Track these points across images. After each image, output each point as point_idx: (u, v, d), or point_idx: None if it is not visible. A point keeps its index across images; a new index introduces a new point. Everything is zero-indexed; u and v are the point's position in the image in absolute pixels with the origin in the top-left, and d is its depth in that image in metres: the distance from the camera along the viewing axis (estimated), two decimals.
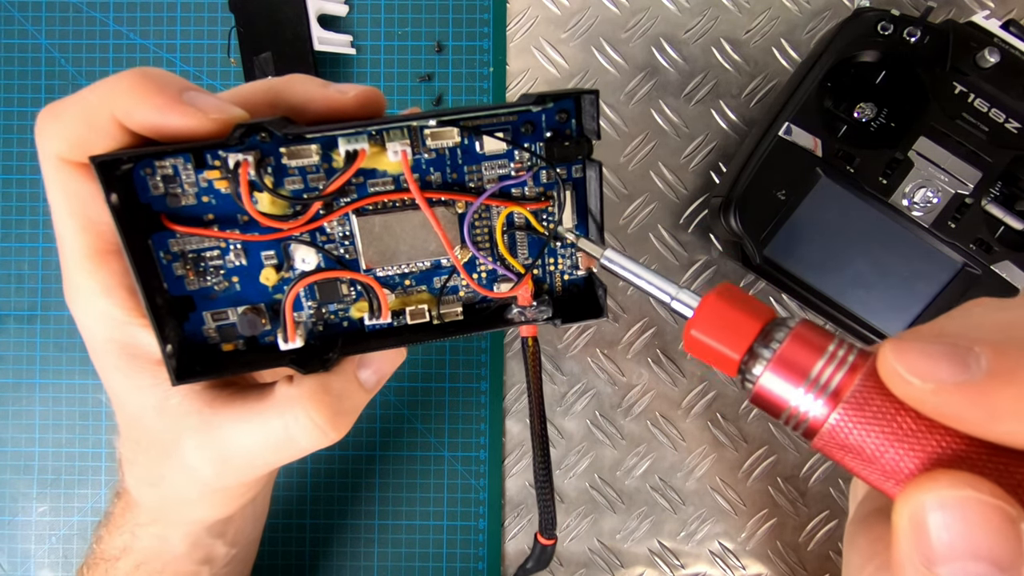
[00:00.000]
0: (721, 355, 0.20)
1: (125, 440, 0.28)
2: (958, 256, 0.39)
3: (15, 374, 0.47)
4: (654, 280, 0.23)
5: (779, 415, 0.19)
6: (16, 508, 0.47)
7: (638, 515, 0.48)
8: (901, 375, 0.16)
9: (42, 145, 0.23)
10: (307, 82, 0.25)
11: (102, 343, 0.25)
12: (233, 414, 0.25)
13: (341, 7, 0.46)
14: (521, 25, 0.47)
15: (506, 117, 0.26)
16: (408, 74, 0.47)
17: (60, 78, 0.47)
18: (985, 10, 0.47)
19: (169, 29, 0.47)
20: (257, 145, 0.24)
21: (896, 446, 0.17)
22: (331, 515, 0.47)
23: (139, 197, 0.24)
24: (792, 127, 0.40)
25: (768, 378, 0.19)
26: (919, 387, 0.16)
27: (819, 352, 0.18)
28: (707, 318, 0.20)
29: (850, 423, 0.17)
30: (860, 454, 0.17)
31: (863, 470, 0.17)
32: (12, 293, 0.47)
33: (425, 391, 0.47)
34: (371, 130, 0.25)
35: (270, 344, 0.28)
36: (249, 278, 0.26)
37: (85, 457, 0.47)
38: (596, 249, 0.26)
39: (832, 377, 0.18)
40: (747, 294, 0.20)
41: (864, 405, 0.17)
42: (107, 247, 0.24)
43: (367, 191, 0.26)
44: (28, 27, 0.46)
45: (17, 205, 0.47)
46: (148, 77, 0.22)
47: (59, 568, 0.47)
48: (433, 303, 0.29)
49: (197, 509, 0.29)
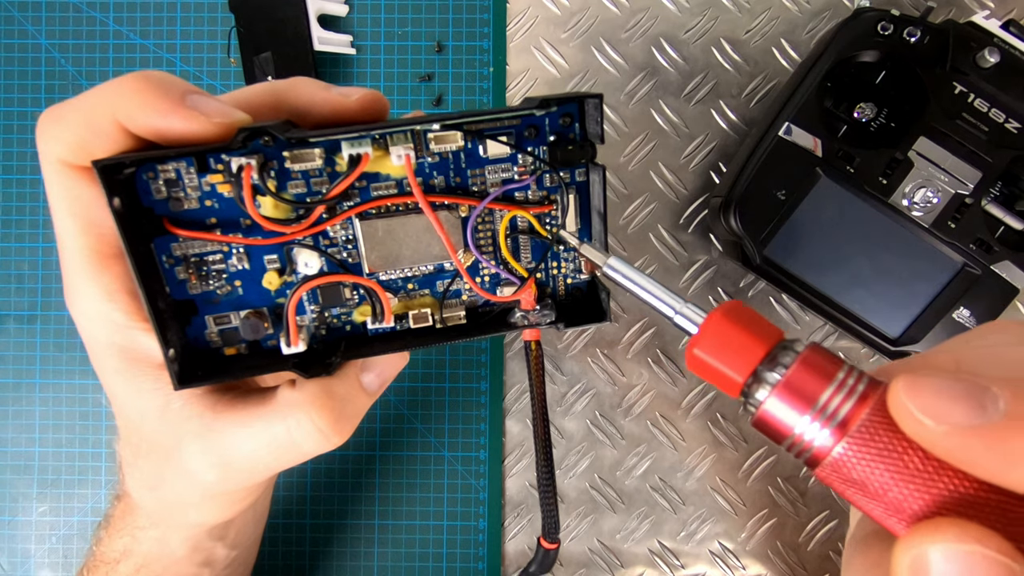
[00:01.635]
0: (724, 376, 0.19)
1: (125, 444, 0.28)
2: (958, 256, 0.39)
3: (15, 374, 0.47)
4: (658, 292, 0.23)
5: (782, 442, 0.18)
6: (16, 508, 0.47)
7: (638, 515, 0.48)
8: (912, 414, 0.15)
9: (43, 148, 0.23)
10: (310, 85, 0.25)
11: (103, 346, 0.25)
12: (235, 418, 0.25)
13: (341, 7, 0.46)
14: (521, 25, 0.47)
15: (510, 121, 0.26)
16: (408, 74, 0.47)
17: (60, 78, 0.47)
18: (985, 10, 0.47)
19: (169, 29, 0.47)
20: (260, 149, 0.24)
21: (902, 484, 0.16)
22: (331, 515, 0.47)
23: (141, 201, 0.24)
24: (792, 127, 0.40)
25: (772, 404, 0.18)
26: (931, 428, 0.15)
27: (827, 380, 0.17)
28: (711, 337, 0.19)
29: (856, 457, 0.16)
30: (864, 489, 0.17)
31: (866, 504, 0.17)
32: (12, 293, 0.47)
33: (425, 391, 0.47)
34: (375, 134, 0.25)
35: (272, 348, 0.27)
36: (252, 282, 0.26)
37: (85, 457, 0.47)
38: (599, 257, 0.25)
39: (840, 407, 0.17)
40: (755, 313, 0.20)
41: (872, 439, 0.16)
42: (108, 250, 0.24)
43: (370, 195, 0.26)
44: (28, 27, 0.46)
45: (17, 205, 0.47)
46: (150, 80, 0.22)
47: (59, 568, 0.47)
48: (436, 307, 0.28)
49: (198, 513, 0.29)
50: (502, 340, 0.48)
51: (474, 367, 0.47)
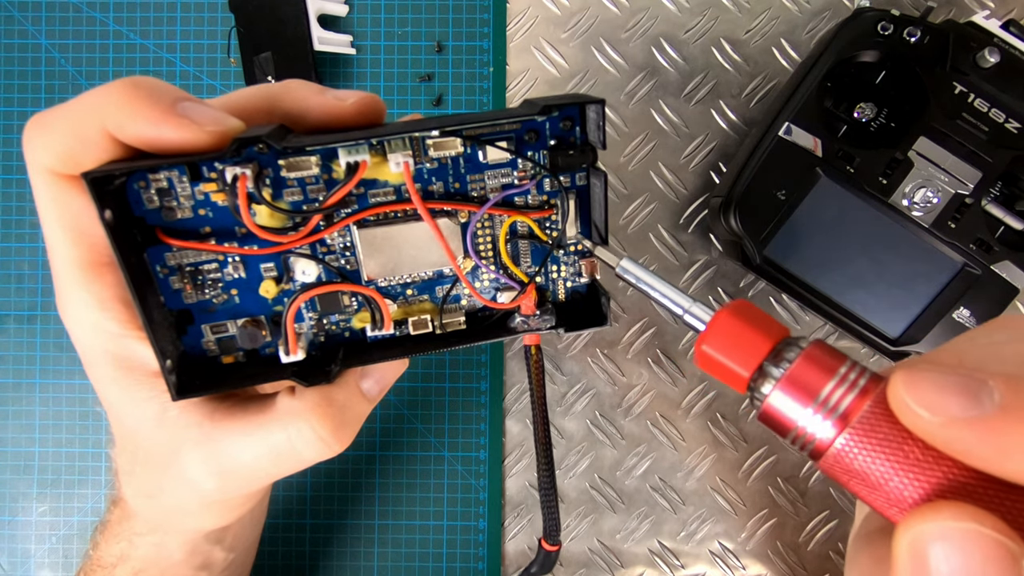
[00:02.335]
0: (731, 372, 0.20)
1: (121, 451, 0.28)
2: (958, 256, 0.39)
3: (15, 374, 0.47)
4: (667, 292, 0.23)
5: (786, 435, 0.19)
6: (16, 508, 0.47)
7: (638, 515, 0.48)
8: (910, 407, 0.16)
9: (30, 157, 0.23)
10: (304, 88, 0.25)
11: (97, 355, 0.24)
12: (234, 426, 0.25)
13: (341, 7, 0.46)
14: (521, 25, 0.47)
15: (510, 125, 0.26)
16: (408, 74, 0.47)
17: (60, 78, 0.47)
18: (985, 10, 0.47)
19: (169, 29, 0.47)
20: (255, 157, 0.23)
21: (902, 474, 0.16)
22: (331, 515, 0.47)
23: (133, 211, 0.23)
24: (792, 127, 0.40)
25: (776, 397, 0.18)
26: (928, 420, 0.15)
27: (830, 374, 0.18)
28: (719, 334, 0.20)
29: (857, 448, 0.17)
30: (865, 479, 0.17)
31: (867, 495, 0.17)
32: (12, 293, 0.47)
33: (425, 391, 0.47)
34: (372, 140, 0.24)
35: (271, 356, 0.27)
36: (248, 290, 0.26)
37: (85, 457, 0.47)
38: (613, 259, 0.26)
39: (841, 400, 0.17)
40: (761, 311, 0.20)
41: (872, 431, 0.17)
42: (100, 259, 0.23)
43: (368, 202, 0.26)
44: (28, 27, 0.46)
45: (17, 205, 0.47)
46: (140, 88, 0.21)
47: (59, 568, 0.47)
48: (435, 312, 0.28)
49: (196, 520, 0.29)
50: (502, 341, 0.48)
51: (474, 367, 0.47)
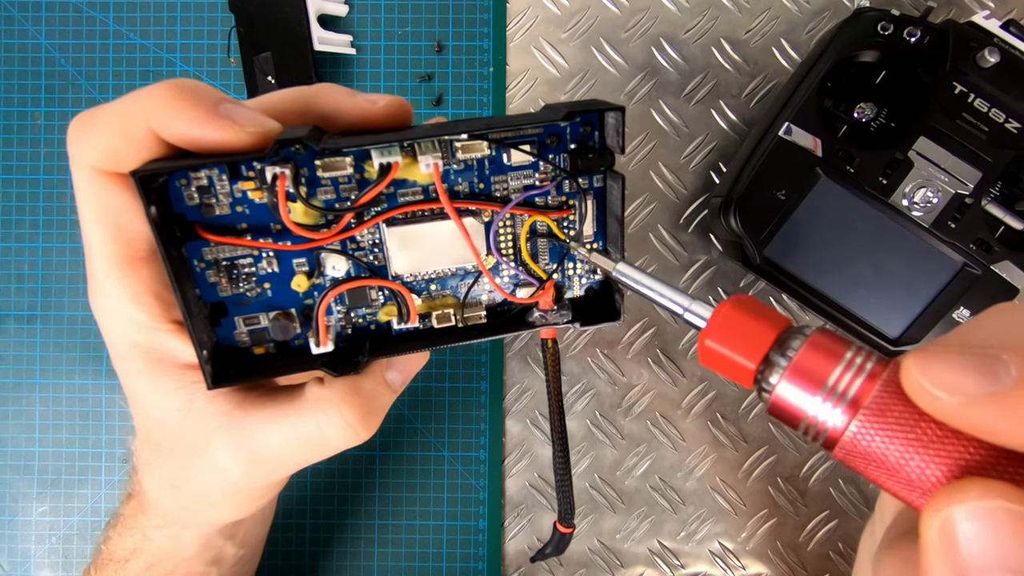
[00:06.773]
0: (736, 365, 0.19)
1: (144, 443, 0.28)
2: (958, 256, 0.39)
3: (15, 374, 0.47)
4: (666, 292, 0.24)
5: (797, 425, 0.18)
6: (16, 508, 0.47)
7: (638, 515, 0.48)
8: (927, 389, 0.15)
9: (75, 153, 0.24)
10: (336, 91, 0.26)
11: (127, 348, 0.25)
12: (263, 415, 0.26)
13: (341, 7, 0.46)
14: (521, 25, 0.47)
15: (533, 130, 0.27)
16: (408, 74, 0.47)
17: (60, 78, 0.47)
18: (985, 10, 0.47)
19: (169, 29, 0.47)
20: (292, 157, 0.24)
21: (920, 454, 0.16)
22: (331, 515, 0.47)
23: (173, 207, 0.25)
24: (792, 127, 0.40)
25: (784, 387, 0.18)
26: (946, 400, 0.15)
27: (836, 359, 0.18)
28: (721, 328, 0.20)
29: (871, 431, 0.17)
30: (883, 464, 0.17)
31: (887, 480, 0.17)
32: (12, 293, 0.47)
33: (425, 391, 0.47)
34: (404, 143, 0.25)
35: (300, 347, 0.28)
36: (281, 284, 0.27)
37: (85, 457, 0.47)
38: (608, 263, 0.26)
39: (850, 385, 0.17)
40: (762, 303, 0.20)
41: (885, 412, 0.16)
42: (136, 254, 0.24)
43: (397, 201, 0.27)
44: (28, 27, 0.46)
45: (17, 205, 0.47)
46: (184, 89, 0.23)
47: (59, 568, 0.47)
48: (457, 307, 0.29)
49: (217, 510, 0.30)
50: (502, 341, 0.48)
51: (474, 367, 0.47)
